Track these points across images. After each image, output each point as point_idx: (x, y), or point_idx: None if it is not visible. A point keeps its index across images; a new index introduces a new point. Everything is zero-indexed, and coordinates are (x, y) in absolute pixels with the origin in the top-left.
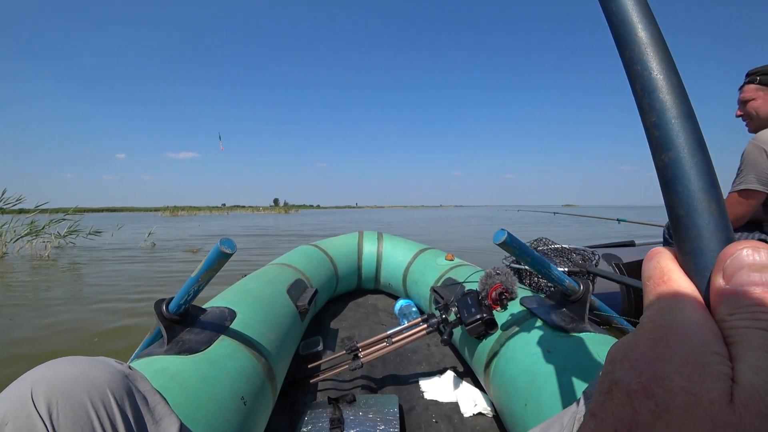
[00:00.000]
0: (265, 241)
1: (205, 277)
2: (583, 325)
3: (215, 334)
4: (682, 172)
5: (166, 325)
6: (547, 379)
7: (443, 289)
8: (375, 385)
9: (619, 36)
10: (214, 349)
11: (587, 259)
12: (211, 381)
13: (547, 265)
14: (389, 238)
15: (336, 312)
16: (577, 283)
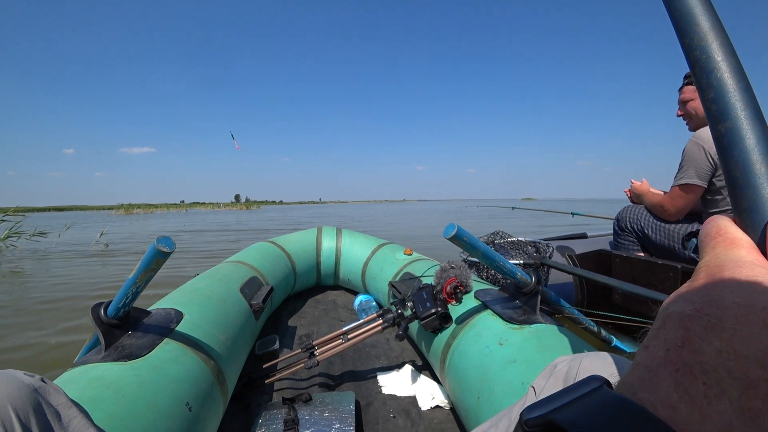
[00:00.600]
0: (225, 238)
1: (143, 278)
2: (535, 317)
3: (159, 337)
4: (738, 138)
5: (104, 331)
6: (498, 372)
7: (401, 284)
8: (333, 382)
9: (681, 27)
10: (157, 354)
11: (542, 251)
12: (151, 387)
13: (499, 258)
14: (348, 234)
15: (294, 309)
16: (529, 276)
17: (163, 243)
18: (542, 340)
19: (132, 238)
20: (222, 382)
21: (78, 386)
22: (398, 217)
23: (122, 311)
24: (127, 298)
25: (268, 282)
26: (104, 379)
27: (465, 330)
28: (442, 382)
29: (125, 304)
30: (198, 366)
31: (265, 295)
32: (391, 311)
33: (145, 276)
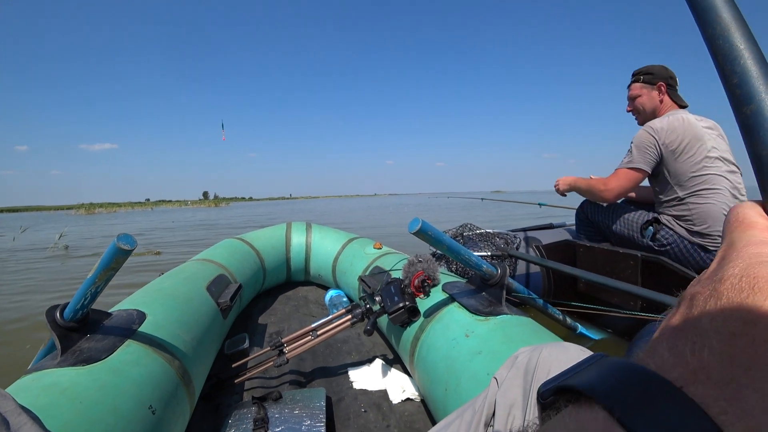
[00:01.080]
0: (192, 236)
1: (103, 278)
2: (500, 308)
3: (120, 339)
4: (763, 119)
5: (60, 334)
6: (465, 364)
7: (370, 278)
8: (304, 379)
9: (703, 19)
10: (117, 357)
11: (509, 242)
12: (111, 392)
13: (464, 251)
14: (318, 229)
15: (264, 307)
16: (494, 267)
17: (123, 240)
18: (507, 331)
19: (95, 239)
20: (188, 383)
21: (30, 394)
22: (369, 212)
23: (80, 313)
24: (86, 300)
25: (236, 279)
26: (59, 385)
27: (433, 323)
28: (412, 375)
29: (83, 306)
30: (161, 367)
31: (233, 293)
32: (360, 306)
33: (105, 275)
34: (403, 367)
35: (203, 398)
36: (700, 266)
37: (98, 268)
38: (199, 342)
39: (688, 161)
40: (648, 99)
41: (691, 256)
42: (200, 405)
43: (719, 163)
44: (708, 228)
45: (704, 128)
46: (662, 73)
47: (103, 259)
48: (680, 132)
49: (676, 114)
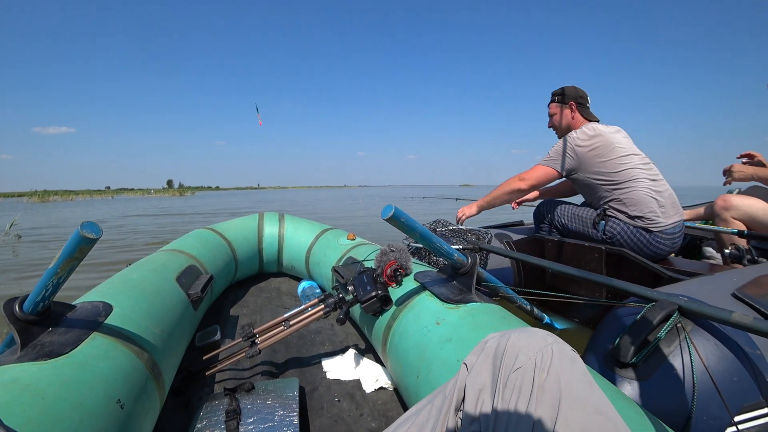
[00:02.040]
0: (158, 226)
1: (66, 267)
2: (470, 296)
3: (84, 332)
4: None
5: (19, 328)
6: (436, 351)
7: (343, 269)
8: (277, 370)
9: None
10: (82, 350)
11: (481, 238)
12: (76, 387)
13: (436, 239)
14: (291, 219)
15: (236, 298)
16: (465, 257)
17: (87, 228)
18: (476, 318)
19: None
20: (158, 376)
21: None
22: (342, 203)
23: (41, 306)
24: (47, 291)
25: (207, 271)
26: (20, 381)
27: (404, 311)
28: (385, 363)
29: (44, 298)
30: (130, 360)
31: (204, 284)
32: (332, 296)
33: (68, 265)
34: (376, 357)
35: (174, 391)
36: (646, 247)
37: (60, 258)
38: (169, 334)
39: (607, 163)
40: (561, 116)
41: (637, 238)
42: (171, 398)
43: (633, 158)
44: (641, 211)
45: (613, 133)
46: (573, 93)
47: (65, 248)
48: (596, 140)
49: (588, 125)
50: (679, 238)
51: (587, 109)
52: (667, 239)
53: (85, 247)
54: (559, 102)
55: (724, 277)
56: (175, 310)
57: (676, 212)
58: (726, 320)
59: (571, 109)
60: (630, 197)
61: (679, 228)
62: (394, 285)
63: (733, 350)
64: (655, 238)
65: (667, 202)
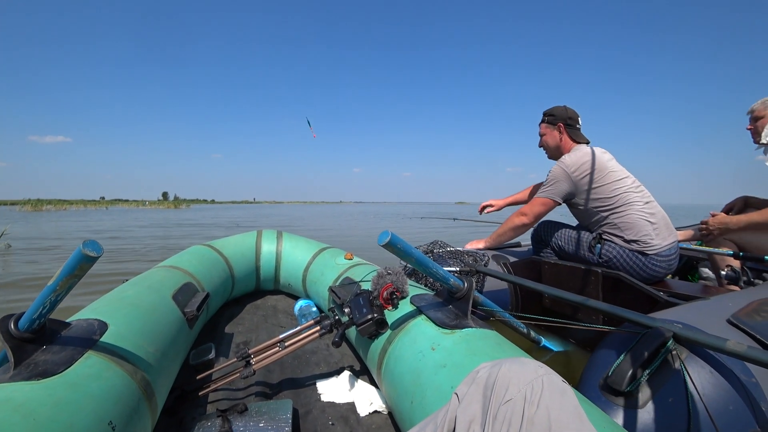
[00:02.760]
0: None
1: (65, 285)
2: (466, 321)
3: (79, 351)
4: None
5: (13, 346)
6: (430, 377)
7: (340, 289)
8: (271, 390)
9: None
10: (76, 370)
11: (478, 260)
12: (68, 407)
13: (432, 264)
14: (289, 237)
15: (232, 315)
16: (461, 281)
17: (89, 247)
18: (471, 344)
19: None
20: (150, 397)
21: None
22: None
23: (37, 323)
24: (44, 308)
25: (203, 288)
26: (12, 401)
27: (400, 335)
28: (380, 387)
29: (41, 315)
30: (123, 380)
31: (200, 302)
32: (328, 317)
33: (67, 283)
34: (371, 379)
35: (166, 411)
36: (643, 270)
37: (60, 275)
38: (163, 353)
39: (602, 188)
40: (551, 137)
41: (633, 262)
42: (163, 418)
43: (626, 181)
44: (636, 234)
45: (604, 156)
46: (562, 114)
47: (66, 265)
48: (588, 165)
49: (582, 149)
50: (675, 260)
51: (577, 130)
52: (663, 261)
53: (86, 265)
54: (549, 123)
55: (720, 302)
56: (170, 328)
57: (670, 234)
58: (721, 348)
59: (560, 131)
60: (625, 221)
61: (674, 250)
62: (390, 308)
63: (728, 378)
64: (651, 261)
65: (660, 224)
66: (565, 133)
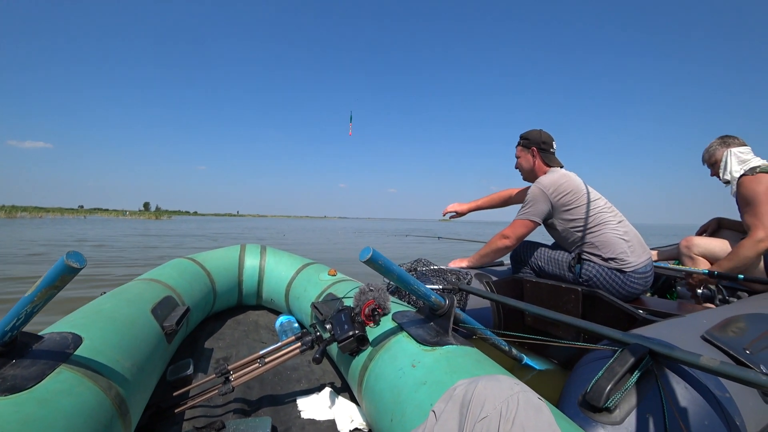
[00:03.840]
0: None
1: (43, 296)
2: (447, 338)
3: (51, 365)
4: None
5: None
6: (410, 394)
7: (323, 305)
8: (249, 407)
9: None
10: (47, 385)
11: (461, 278)
12: (37, 425)
13: (413, 281)
14: (273, 252)
15: (212, 331)
16: (442, 298)
17: (73, 258)
18: (451, 362)
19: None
20: (124, 414)
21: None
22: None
23: (8, 336)
24: (18, 321)
25: (184, 302)
26: None
27: (381, 352)
28: (360, 404)
29: (14, 327)
30: (96, 397)
31: (180, 316)
32: (309, 333)
33: (46, 294)
34: (352, 396)
35: (140, 429)
36: (621, 287)
37: (40, 286)
38: (139, 368)
39: (577, 209)
40: (525, 160)
41: (612, 280)
42: None
43: (599, 203)
44: (613, 252)
45: (579, 180)
46: (536, 138)
47: (47, 275)
48: (565, 186)
49: (558, 171)
50: (651, 277)
51: (551, 154)
52: (640, 278)
53: (67, 277)
54: (524, 146)
55: (695, 319)
56: (148, 342)
57: (644, 251)
58: (694, 364)
59: (533, 155)
60: (601, 240)
61: (650, 267)
62: (372, 325)
63: (703, 394)
64: (628, 279)
65: (634, 242)
66: (538, 157)
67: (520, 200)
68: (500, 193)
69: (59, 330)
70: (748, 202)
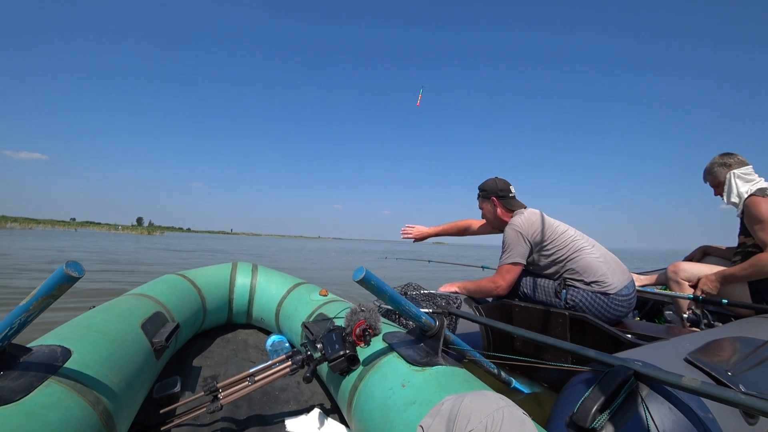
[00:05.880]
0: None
1: (39, 305)
2: (436, 359)
3: (38, 378)
4: None
5: None
6: (400, 414)
7: (313, 325)
8: (237, 427)
9: None
10: (34, 398)
11: (451, 302)
12: None
13: (405, 302)
14: (264, 271)
15: (201, 348)
16: (433, 320)
17: (72, 267)
18: (441, 381)
19: None
20: (111, 430)
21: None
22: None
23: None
24: (10, 330)
25: (174, 318)
26: None
27: (371, 372)
28: (349, 424)
29: (6, 337)
30: (83, 411)
31: (170, 332)
32: (300, 353)
33: (42, 303)
34: (341, 418)
35: None
36: (606, 310)
37: (36, 294)
38: (128, 384)
39: (555, 241)
40: (488, 210)
41: (597, 303)
42: None
43: (571, 232)
44: (594, 275)
45: (543, 215)
46: (492, 188)
47: (44, 284)
48: (537, 223)
49: (526, 211)
50: (634, 299)
51: (511, 199)
52: (624, 301)
53: (65, 285)
54: (483, 197)
55: (680, 342)
56: (137, 358)
57: (623, 273)
58: (677, 384)
59: (493, 204)
60: (581, 265)
61: (632, 289)
62: (363, 345)
63: (686, 414)
64: (612, 301)
65: (612, 264)
66: (499, 205)
67: (479, 232)
68: (459, 223)
69: (48, 343)
70: (760, 221)
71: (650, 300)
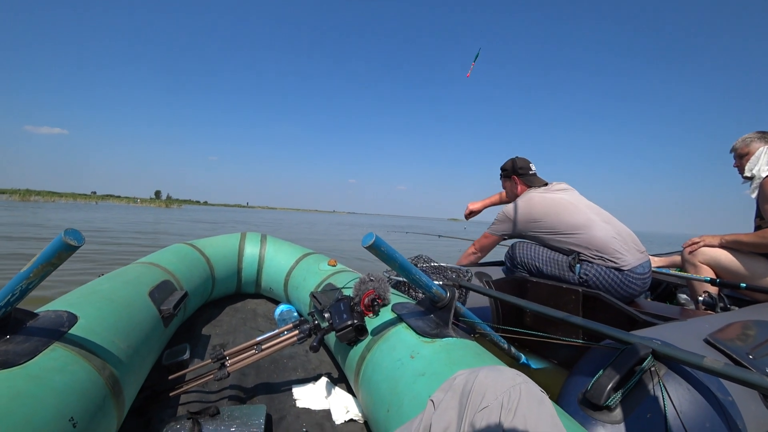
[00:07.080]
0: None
1: (39, 273)
2: (446, 331)
3: (44, 343)
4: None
5: None
6: (408, 385)
7: (322, 295)
8: (245, 395)
9: None
10: (39, 362)
11: (461, 276)
12: (27, 401)
13: (415, 271)
14: (273, 241)
15: (210, 317)
16: (444, 290)
17: (71, 235)
18: (451, 354)
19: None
20: (118, 394)
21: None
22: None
23: (2, 312)
24: (12, 296)
25: (182, 287)
26: None
27: (379, 343)
28: (357, 394)
29: (8, 303)
30: (89, 375)
31: (178, 300)
32: (308, 322)
33: (42, 270)
34: (348, 387)
35: (134, 411)
36: (620, 287)
37: (36, 262)
38: (135, 350)
39: (556, 218)
40: (509, 189)
41: (611, 279)
42: (130, 418)
43: (582, 207)
44: (606, 250)
45: (556, 191)
46: (512, 167)
47: (44, 252)
48: (536, 207)
49: (526, 196)
50: (648, 279)
51: (532, 176)
52: (638, 279)
53: (64, 254)
54: (504, 177)
55: (697, 323)
56: (144, 325)
57: (639, 250)
58: (698, 365)
59: (514, 182)
60: (592, 241)
61: (648, 269)
62: (371, 315)
63: (705, 395)
64: (626, 278)
65: (627, 240)
66: (520, 183)
67: None
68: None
69: (55, 309)
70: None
71: (664, 282)
